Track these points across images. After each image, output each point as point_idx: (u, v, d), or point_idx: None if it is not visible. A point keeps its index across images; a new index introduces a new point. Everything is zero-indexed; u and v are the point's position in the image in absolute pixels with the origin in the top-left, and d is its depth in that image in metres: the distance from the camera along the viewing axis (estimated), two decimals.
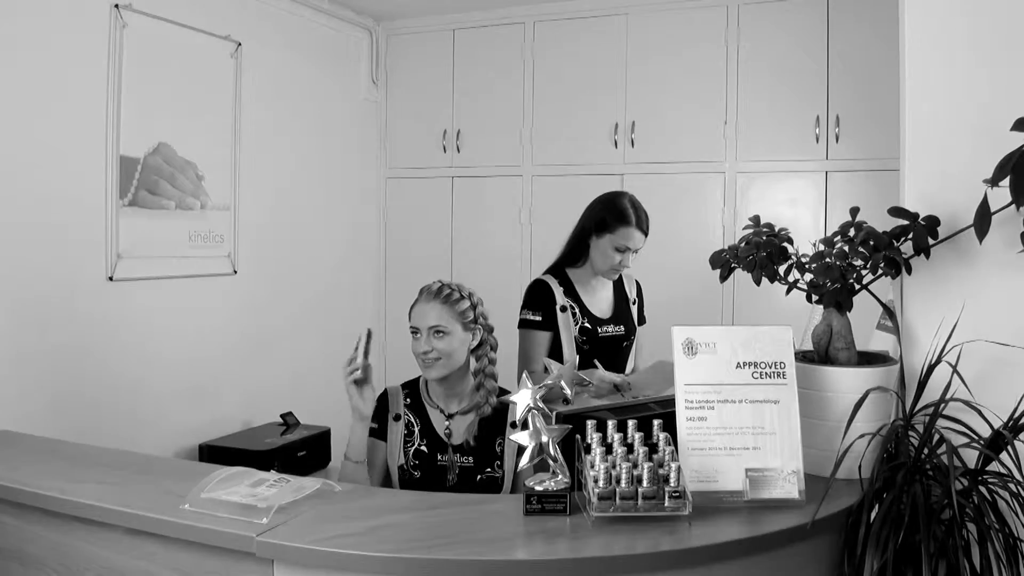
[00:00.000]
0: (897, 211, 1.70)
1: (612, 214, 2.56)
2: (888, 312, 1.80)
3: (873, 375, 1.67)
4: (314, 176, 4.02)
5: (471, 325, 2.09)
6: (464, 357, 2.09)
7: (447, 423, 2.11)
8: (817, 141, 3.71)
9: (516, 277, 4.05)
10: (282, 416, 3.58)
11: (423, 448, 2.09)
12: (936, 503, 1.52)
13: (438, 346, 2.04)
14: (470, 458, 2.07)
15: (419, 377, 2.15)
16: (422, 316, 2.07)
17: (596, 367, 2.50)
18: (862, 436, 1.60)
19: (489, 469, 2.07)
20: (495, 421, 2.07)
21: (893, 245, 1.67)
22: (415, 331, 2.08)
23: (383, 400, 2.15)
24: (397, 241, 4.48)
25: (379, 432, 2.10)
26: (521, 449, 1.62)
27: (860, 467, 1.59)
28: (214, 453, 3.18)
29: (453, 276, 4.17)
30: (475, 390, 2.11)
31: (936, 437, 1.59)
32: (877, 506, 1.53)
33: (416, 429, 2.11)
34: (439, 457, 2.08)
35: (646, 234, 2.59)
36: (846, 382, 1.68)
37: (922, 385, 1.67)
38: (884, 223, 1.71)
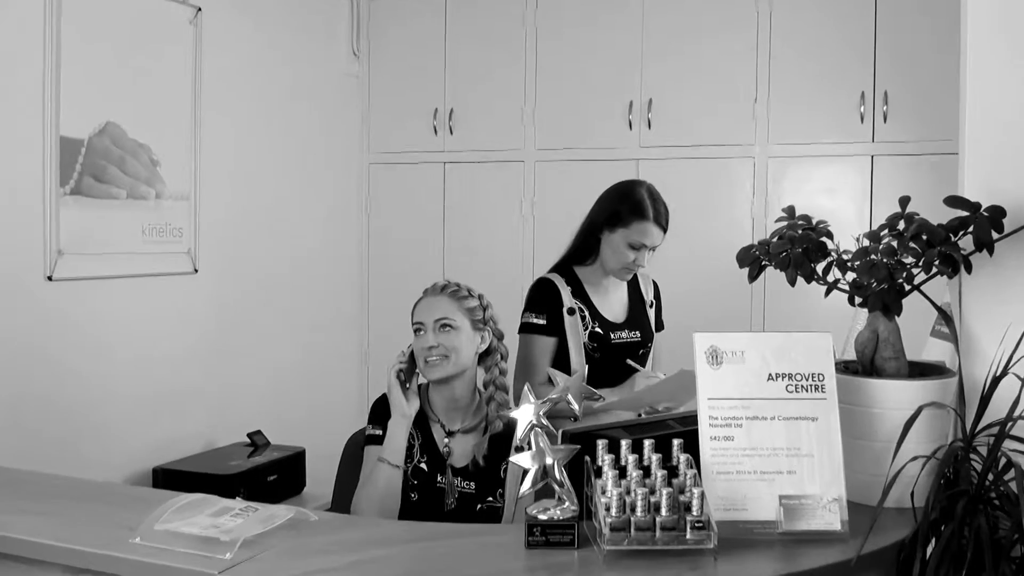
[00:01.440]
0: (955, 201, 1.70)
1: (626, 206, 2.56)
2: (944, 316, 1.80)
3: (927, 389, 1.67)
4: (286, 162, 4.02)
5: (480, 325, 2.15)
6: (471, 360, 2.13)
7: (446, 440, 2.13)
8: (862, 121, 3.71)
9: (517, 276, 4.05)
10: (250, 435, 3.58)
11: (423, 466, 2.12)
12: (1004, 537, 1.51)
13: (444, 341, 2.09)
14: (471, 484, 2.09)
15: (421, 385, 2.17)
16: (428, 309, 2.13)
17: (635, 368, 2.52)
18: (915, 459, 1.59)
19: (491, 498, 2.08)
20: (501, 442, 2.09)
21: (950, 240, 1.67)
22: (419, 327, 2.13)
23: (384, 405, 2.16)
24: (382, 236, 4.48)
25: (382, 439, 2.12)
26: (523, 473, 1.62)
27: (913, 495, 1.59)
28: (170, 478, 3.18)
29: (446, 275, 4.17)
30: (484, 404, 2.14)
31: (1003, 461, 1.58)
32: (934, 540, 1.53)
33: (417, 443, 2.13)
34: (438, 478, 2.10)
35: (665, 229, 2.59)
36: (895, 396, 1.67)
37: (985, 400, 1.66)
38: (939, 215, 1.70)
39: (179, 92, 3.44)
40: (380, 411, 2.15)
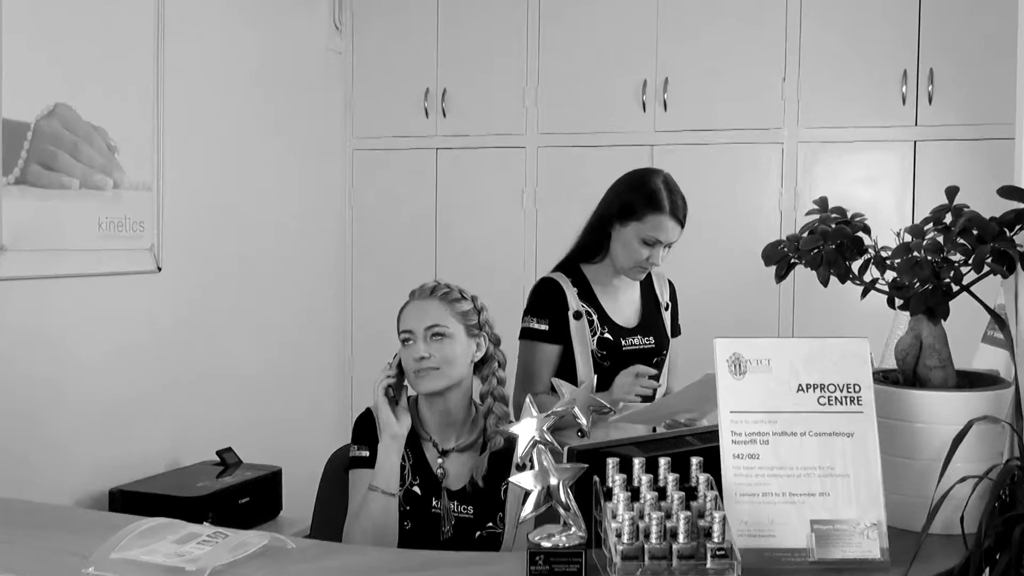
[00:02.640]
0: (1010, 191, 1.70)
1: (640, 198, 2.56)
2: (997, 320, 1.79)
3: (978, 401, 1.67)
4: (261, 148, 4.02)
5: (475, 331, 2.14)
6: (465, 371, 2.12)
7: (440, 461, 2.13)
8: (904, 102, 3.71)
9: (518, 276, 4.05)
10: (219, 453, 3.58)
11: (416, 490, 2.12)
12: None
13: (436, 351, 2.08)
14: (469, 508, 2.09)
15: (410, 398, 2.17)
16: (417, 315, 2.12)
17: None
18: (964, 480, 1.59)
19: (491, 523, 2.08)
20: (502, 460, 2.10)
21: (1004, 235, 1.67)
22: (407, 336, 2.12)
23: (368, 421, 2.16)
24: (366, 232, 4.48)
25: (369, 461, 2.11)
26: (525, 495, 1.62)
27: (962, 519, 1.59)
28: (130, 500, 3.17)
29: (438, 274, 4.18)
30: (480, 418, 2.15)
31: None
32: (988, 570, 1.52)
33: (408, 464, 2.13)
34: (433, 503, 2.10)
35: (683, 223, 2.59)
36: (942, 409, 1.67)
37: None
38: (992, 207, 1.70)
39: (140, 69, 3.44)
40: (364, 429, 2.15)
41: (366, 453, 2.11)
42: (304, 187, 4.29)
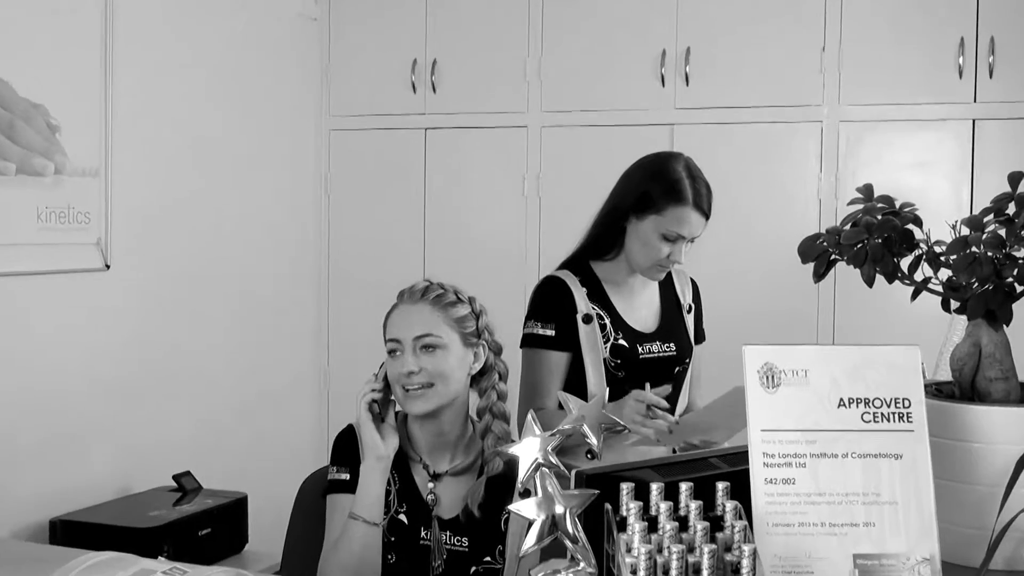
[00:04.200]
0: None
1: (659, 187, 2.57)
2: None
3: None
4: (225, 128, 4.03)
5: (472, 340, 2.14)
6: (462, 385, 2.12)
7: (431, 485, 2.13)
8: (960, 76, 3.71)
9: (519, 274, 4.06)
10: (176, 478, 3.58)
11: (402, 519, 2.12)
12: None
13: (428, 364, 2.07)
14: (464, 540, 2.09)
15: (397, 413, 2.18)
16: (404, 323, 2.11)
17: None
18: None
19: (489, 558, 2.09)
20: (502, 485, 2.09)
21: None
22: (393, 347, 2.12)
23: (350, 441, 2.16)
24: (345, 223, 4.49)
25: (350, 485, 2.11)
26: (527, 525, 1.62)
27: None
28: (73, 531, 3.18)
29: (428, 271, 4.18)
30: (478, 438, 2.15)
31: None
32: None
33: (394, 489, 2.13)
34: (422, 534, 2.10)
35: (707, 215, 2.60)
36: (1004, 427, 1.67)
37: None
38: None
39: (86, 38, 3.44)
40: (346, 448, 2.15)
41: (347, 476, 2.11)
42: (274, 173, 4.30)
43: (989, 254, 1.68)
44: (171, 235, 3.80)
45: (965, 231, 1.71)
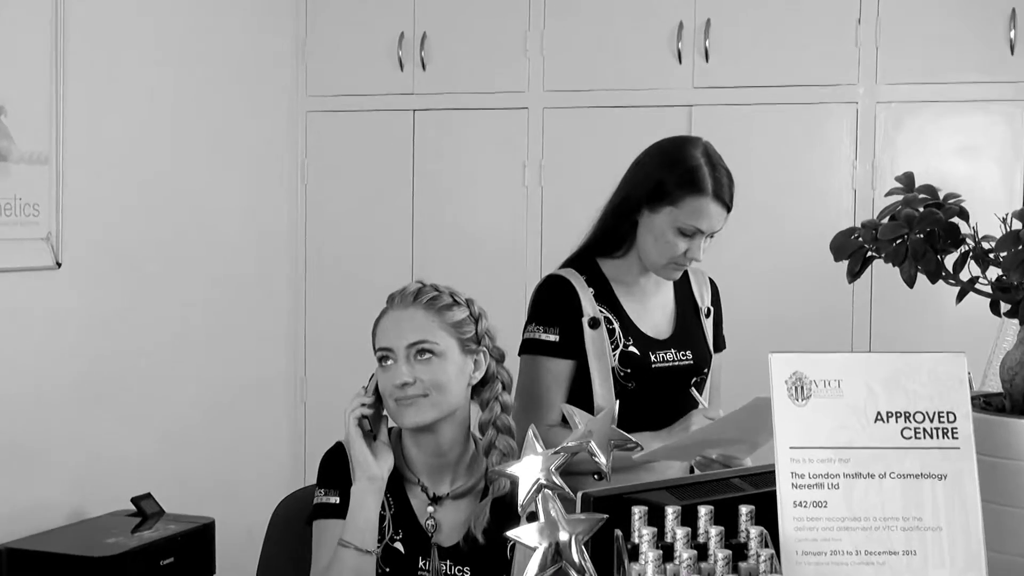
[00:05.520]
0: None
1: (675, 175, 2.57)
2: None
3: None
4: (189, 110, 4.03)
5: (472, 347, 2.15)
6: (461, 396, 2.13)
7: (431, 510, 2.13)
8: (1012, 51, 3.72)
9: (518, 272, 4.07)
10: (135, 501, 3.58)
11: (398, 546, 2.12)
12: None
13: (423, 374, 2.08)
14: (466, 569, 2.10)
15: (391, 429, 2.18)
16: (396, 330, 2.11)
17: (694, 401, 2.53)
18: None
19: None
20: (508, 509, 2.09)
21: None
22: (385, 355, 2.12)
23: (339, 460, 2.16)
24: (324, 214, 4.49)
25: (340, 509, 2.11)
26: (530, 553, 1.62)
27: None
28: (21, 561, 3.18)
29: (416, 270, 4.19)
30: (481, 455, 2.15)
31: None
32: None
33: (389, 515, 2.14)
34: (420, 563, 2.11)
35: (728, 207, 2.60)
36: None
37: None
38: None
39: (33, 13, 3.44)
40: (334, 468, 2.15)
41: (336, 499, 2.11)
42: (244, 160, 4.30)
43: None
44: (129, 230, 3.80)
45: (1017, 226, 1.71)
